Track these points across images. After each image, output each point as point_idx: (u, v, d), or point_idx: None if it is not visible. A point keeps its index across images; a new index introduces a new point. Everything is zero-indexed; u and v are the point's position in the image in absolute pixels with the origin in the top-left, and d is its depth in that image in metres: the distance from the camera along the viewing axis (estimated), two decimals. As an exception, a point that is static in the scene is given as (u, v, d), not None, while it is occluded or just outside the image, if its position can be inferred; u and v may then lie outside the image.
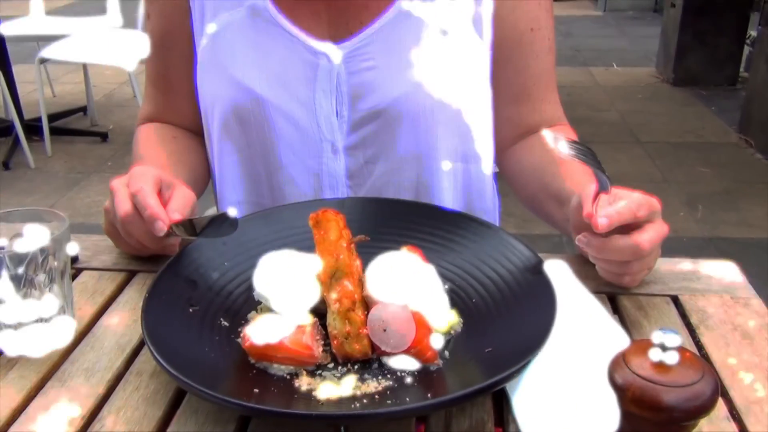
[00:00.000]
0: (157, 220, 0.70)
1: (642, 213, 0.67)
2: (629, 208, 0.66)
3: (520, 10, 0.90)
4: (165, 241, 0.74)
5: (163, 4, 0.92)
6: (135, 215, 0.71)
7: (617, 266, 0.70)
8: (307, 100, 0.86)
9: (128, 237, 0.74)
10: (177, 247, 0.77)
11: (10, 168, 3.50)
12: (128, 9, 4.38)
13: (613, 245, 0.67)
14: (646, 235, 0.67)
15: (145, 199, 0.70)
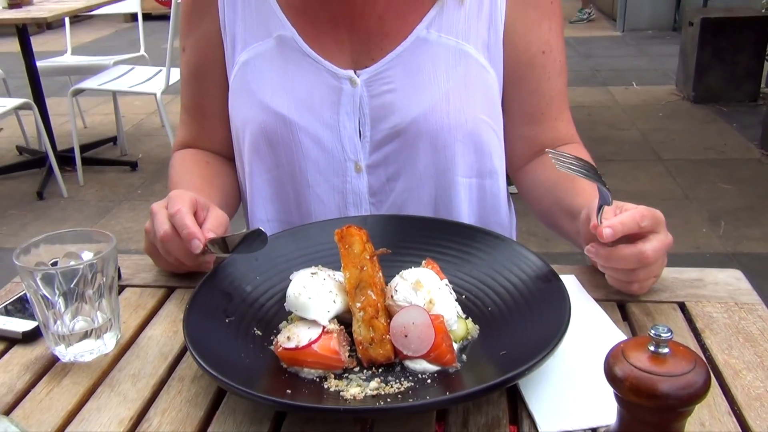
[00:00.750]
0: (194, 239, 0.75)
1: (646, 223, 0.71)
2: (632, 218, 0.71)
3: (532, 35, 0.95)
4: (201, 258, 0.80)
5: (198, 38, 1.00)
6: (173, 235, 0.77)
7: (624, 274, 0.74)
8: (332, 122, 0.92)
9: (167, 255, 0.80)
10: (211, 264, 0.82)
11: (44, 198, 3.61)
12: (152, 43, 4.54)
13: (619, 254, 0.71)
14: (650, 244, 0.71)
15: (182, 219, 0.76)
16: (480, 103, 0.94)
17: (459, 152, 0.93)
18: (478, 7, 0.92)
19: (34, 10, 3.52)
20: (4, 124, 4.49)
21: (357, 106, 0.92)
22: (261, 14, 0.94)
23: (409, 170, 0.94)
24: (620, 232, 0.70)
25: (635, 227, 0.71)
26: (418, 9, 0.92)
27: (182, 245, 0.77)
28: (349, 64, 0.93)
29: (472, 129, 0.93)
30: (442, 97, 0.91)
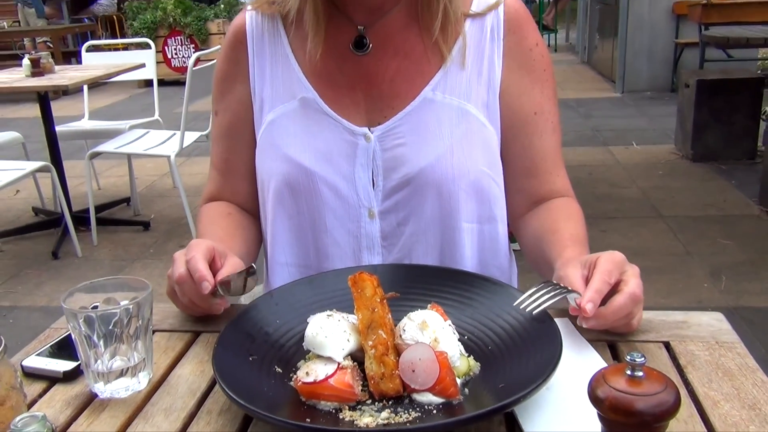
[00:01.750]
0: (204, 281, 0.85)
1: (614, 277, 0.80)
2: (603, 282, 0.79)
3: (525, 97, 1.05)
4: (212, 300, 0.88)
5: (229, 102, 1.11)
6: (188, 277, 0.86)
7: (624, 319, 0.82)
8: (348, 173, 1.02)
9: (182, 296, 0.89)
10: (222, 307, 0.91)
11: (59, 257, 3.70)
12: (165, 107, 4.71)
13: (615, 307, 0.79)
14: (632, 282, 0.79)
15: (196, 264, 0.86)
16: (481, 156, 1.03)
17: (462, 200, 1.02)
18: (478, 72, 1.03)
19: (55, 78, 3.69)
20: (21, 186, 4.61)
21: (371, 159, 1.02)
22: (286, 79, 1.05)
23: (417, 216, 1.02)
24: (599, 300, 0.78)
25: (608, 287, 0.79)
26: (424, 73, 1.03)
27: (195, 287, 0.86)
28: (363, 121, 1.03)
29: (474, 179, 1.02)
30: (447, 151, 1.00)
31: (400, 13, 1.03)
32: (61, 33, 10.40)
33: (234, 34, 1.10)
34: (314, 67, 1.04)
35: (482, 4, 1.04)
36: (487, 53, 1.03)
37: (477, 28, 1.03)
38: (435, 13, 1.00)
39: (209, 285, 0.85)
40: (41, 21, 11.06)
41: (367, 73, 1.03)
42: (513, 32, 1.04)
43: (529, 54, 1.05)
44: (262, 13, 1.08)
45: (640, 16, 7.01)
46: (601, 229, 3.69)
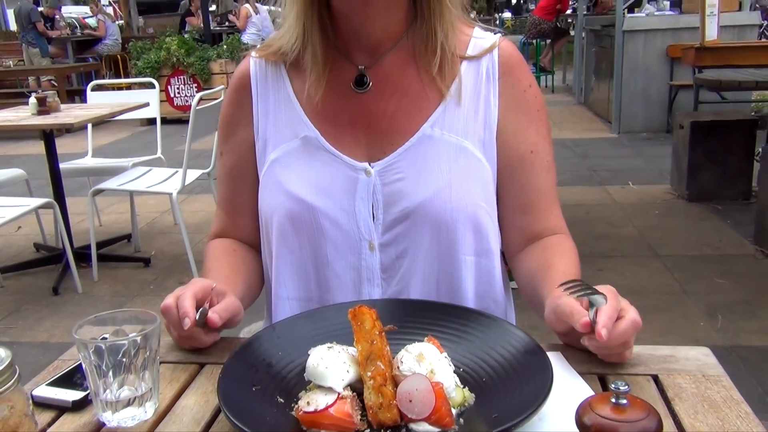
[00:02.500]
0: (185, 317, 0.90)
1: (619, 304, 0.83)
2: (614, 308, 0.83)
3: (521, 136, 1.10)
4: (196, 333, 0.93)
5: (234, 143, 1.16)
6: (172, 309, 0.91)
7: (621, 347, 0.85)
8: (349, 207, 1.06)
9: (168, 328, 0.94)
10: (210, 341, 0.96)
11: (59, 293, 3.72)
12: (167, 145, 4.77)
13: (620, 331, 0.82)
14: (631, 310, 0.84)
15: (183, 301, 0.91)
16: (478, 191, 1.07)
17: (460, 233, 1.06)
18: (474, 110, 1.08)
19: (61, 116, 3.76)
20: (23, 222, 4.65)
21: (371, 193, 1.06)
22: (289, 119, 1.10)
23: (416, 248, 1.06)
24: (611, 326, 0.81)
25: (617, 314, 0.83)
26: (423, 110, 1.08)
27: (178, 321, 0.91)
28: (364, 156, 1.07)
29: (471, 213, 1.06)
30: (445, 185, 1.05)
31: (398, 53, 1.08)
32: (66, 72, 10.56)
33: (239, 79, 1.15)
34: (316, 107, 1.09)
35: (477, 47, 1.10)
36: (483, 93, 1.08)
37: (473, 70, 1.09)
38: (432, 52, 1.05)
39: (189, 322, 0.90)
40: (46, 60, 11.25)
41: (368, 110, 1.08)
42: (507, 74, 1.09)
43: (524, 95, 1.10)
44: (266, 60, 1.13)
45: (635, 59, 7.15)
46: (598, 268, 3.73)
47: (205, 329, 0.94)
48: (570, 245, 1.10)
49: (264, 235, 1.15)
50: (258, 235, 1.17)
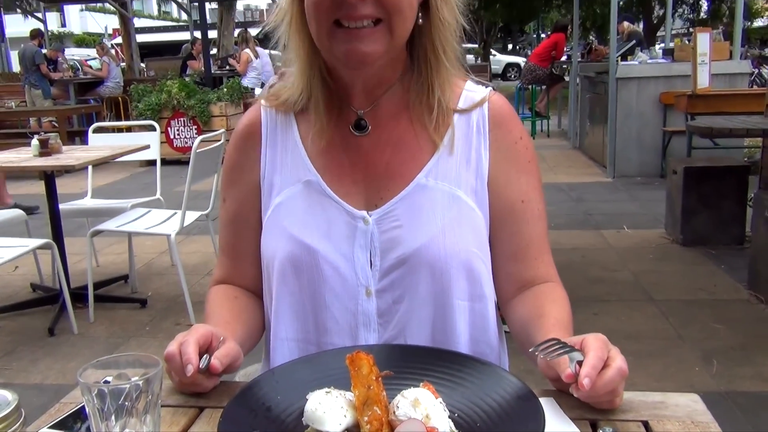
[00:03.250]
0: (188, 364, 0.92)
1: (605, 353, 0.86)
2: (598, 358, 0.85)
3: (512, 186, 1.14)
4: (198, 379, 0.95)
5: (238, 190, 1.19)
6: (175, 356, 0.93)
7: (610, 394, 0.87)
8: (348, 252, 1.09)
9: (168, 372, 0.96)
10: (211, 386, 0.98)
11: (54, 334, 3.72)
12: (165, 186, 4.81)
13: (606, 380, 0.84)
14: (619, 359, 0.86)
15: (186, 348, 0.93)
16: (471, 238, 1.10)
17: (454, 278, 1.09)
18: (466, 160, 1.12)
19: (62, 158, 3.80)
20: (20, 262, 4.66)
21: (369, 240, 1.09)
22: (294, 164, 1.14)
23: (412, 294, 1.09)
24: (595, 376, 0.84)
25: (602, 363, 0.85)
26: (417, 159, 1.12)
27: (181, 367, 0.93)
28: (362, 203, 1.11)
29: (465, 259, 1.09)
30: (439, 233, 1.08)
31: (391, 99, 1.13)
32: (67, 113, 10.68)
33: (247, 126, 1.19)
34: (318, 150, 1.13)
35: (469, 101, 1.14)
36: (474, 144, 1.12)
37: (464, 122, 1.13)
38: (428, 107, 1.10)
39: (192, 369, 0.92)
40: (48, 102, 11.38)
41: (366, 154, 1.13)
42: (498, 127, 1.13)
43: (514, 147, 1.14)
44: (276, 110, 1.18)
45: (628, 105, 7.27)
46: (593, 311, 3.74)
47: (206, 374, 0.96)
48: (562, 293, 1.13)
49: (265, 277, 1.18)
50: (260, 282, 1.19)
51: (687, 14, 20.22)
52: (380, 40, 1.00)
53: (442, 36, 1.07)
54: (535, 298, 1.11)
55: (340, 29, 0.99)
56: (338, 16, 0.99)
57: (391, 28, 1.00)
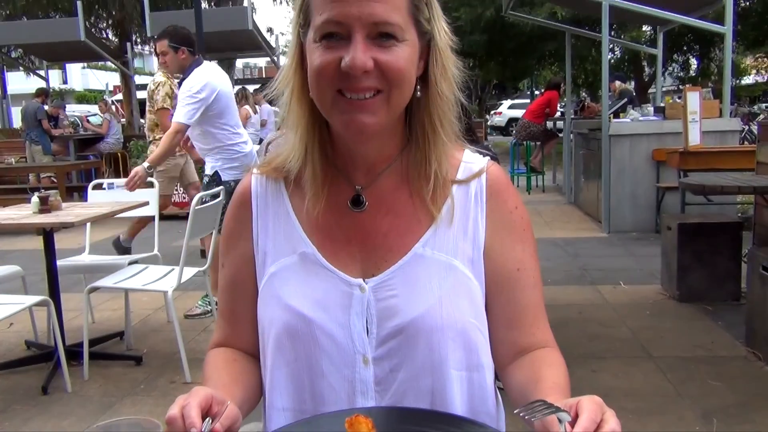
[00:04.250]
0: (192, 428, 0.90)
1: (599, 415, 0.86)
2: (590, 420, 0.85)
3: (507, 254, 1.16)
4: None
5: (234, 256, 1.21)
6: (178, 419, 0.92)
7: None
8: (344, 321, 1.10)
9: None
10: None
11: (48, 393, 3.67)
12: (163, 241, 4.83)
13: None
14: (612, 421, 0.86)
15: (189, 411, 0.92)
16: (467, 307, 1.12)
17: (451, 348, 1.10)
18: (463, 231, 1.14)
19: (62, 214, 3.83)
20: (15, 319, 4.64)
21: (365, 308, 1.10)
22: (287, 235, 1.16)
23: (409, 363, 1.09)
24: None
25: (594, 426, 0.85)
26: (415, 231, 1.13)
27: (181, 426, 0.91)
28: (359, 273, 1.12)
29: (461, 329, 1.10)
30: (436, 302, 1.09)
31: (391, 175, 1.15)
32: (67, 169, 10.76)
33: (240, 195, 1.22)
34: (314, 223, 1.14)
35: (467, 171, 1.17)
36: (472, 215, 1.15)
37: (462, 193, 1.15)
38: (425, 179, 1.12)
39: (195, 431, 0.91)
40: (47, 157, 11.49)
41: (363, 228, 1.14)
42: (495, 197, 1.16)
43: (510, 216, 1.17)
44: (267, 176, 1.20)
45: (621, 162, 7.37)
46: (592, 369, 3.72)
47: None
48: (558, 358, 1.14)
49: (261, 346, 1.18)
50: (258, 345, 1.20)
51: (677, 72, 20.66)
52: (379, 111, 1.03)
53: (440, 110, 1.09)
54: (531, 363, 1.12)
55: (342, 98, 1.02)
56: (341, 87, 1.01)
57: (389, 99, 1.03)
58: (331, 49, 1.00)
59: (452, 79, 1.10)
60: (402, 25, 1.01)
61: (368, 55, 0.99)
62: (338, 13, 0.98)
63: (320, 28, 1.01)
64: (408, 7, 1.02)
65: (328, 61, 1.00)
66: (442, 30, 1.08)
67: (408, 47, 1.03)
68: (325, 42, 1.01)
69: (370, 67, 0.99)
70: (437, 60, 1.08)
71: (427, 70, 1.08)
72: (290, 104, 1.11)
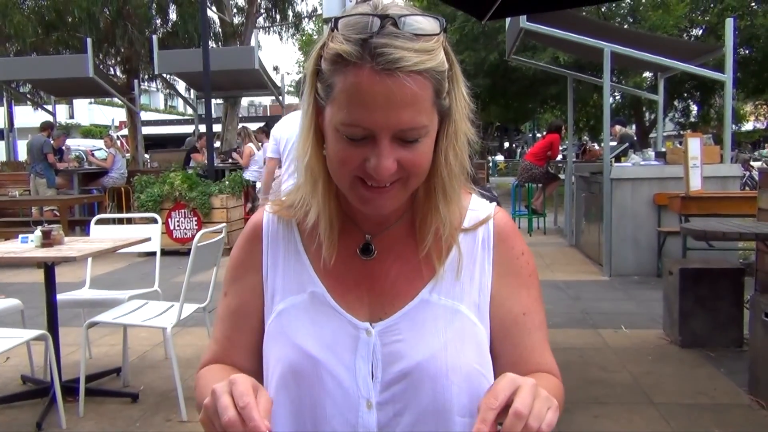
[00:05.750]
0: None
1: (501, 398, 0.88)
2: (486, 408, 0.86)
3: (513, 299, 1.16)
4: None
5: (241, 287, 1.20)
6: (238, 422, 0.88)
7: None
8: (350, 364, 1.09)
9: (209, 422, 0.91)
10: None
11: (42, 429, 3.63)
12: (163, 276, 4.82)
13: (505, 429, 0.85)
14: (517, 400, 0.87)
15: (251, 413, 0.88)
16: (473, 353, 1.11)
17: (455, 394, 1.09)
18: (470, 278, 1.14)
19: (64, 249, 3.83)
20: (12, 353, 4.60)
21: (371, 352, 1.10)
22: (297, 273, 1.16)
23: (413, 408, 1.09)
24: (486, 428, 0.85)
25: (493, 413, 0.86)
26: (422, 277, 1.14)
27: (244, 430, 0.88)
28: (366, 317, 1.12)
29: (466, 374, 1.10)
30: (442, 347, 1.09)
31: (402, 226, 1.16)
32: (70, 203, 10.80)
33: (252, 228, 1.23)
34: (324, 266, 1.15)
35: (473, 219, 1.17)
36: (479, 261, 1.15)
37: (470, 240, 1.16)
38: (427, 233, 1.12)
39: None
40: (51, 191, 11.55)
41: (371, 274, 1.15)
42: (502, 243, 1.17)
43: (516, 262, 1.17)
44: (278, 216, 1.21)
45: (623, 205, 7.40)
46: (593, 414, 3.68)
47: None
48: (554, 379, 1.14)
49: (264, 384, 1.17)
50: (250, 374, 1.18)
51: (677, 118, 20.85)
52: (397, 196, 1.04)
53: (445, 176, 1.09)
54: None
55: (362, 184, 1.03)
56: (363, 177, 1.02)
57: (407, 185, 1.04)
58: (354, 146, 1.00)
59: (462, 147, 1.09)
60: (427, 123, 1.01)
61: (392, 158, 0.99)
62: (365, 121, 0.97)
63: (345, 128, 0.99)
64: (432, 99, 1.00)
65: (352, 156, 1.00)
66: (461, 97, 1.07)
67: (429, 138, 1.03)
68: (349, 137, 1.00)
69: (395, 169, 1.00)
70: (448, 131, 1.07)
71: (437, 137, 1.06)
72: (307, 160, 1.10)
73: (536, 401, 0.89)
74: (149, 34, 16.67)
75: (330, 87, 1.01)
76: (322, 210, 1.12)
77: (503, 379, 0.91)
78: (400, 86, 0.95)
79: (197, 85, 12.90)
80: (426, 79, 0.98)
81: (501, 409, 0.88)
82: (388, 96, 0.95)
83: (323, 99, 1.03)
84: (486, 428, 0.86)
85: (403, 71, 0.95)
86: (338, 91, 0.99)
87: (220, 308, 1.24)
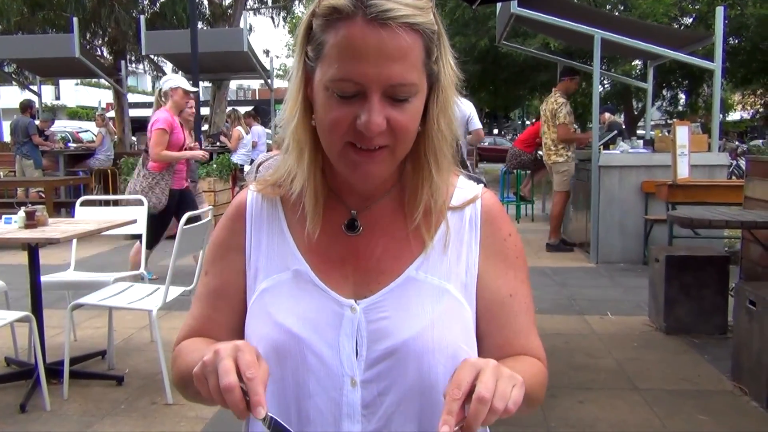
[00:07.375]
0: (259, 407, 0.87)
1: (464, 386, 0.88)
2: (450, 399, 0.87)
3: (500, 280, 1.15)
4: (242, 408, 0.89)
5: (222, 267, 1.19)
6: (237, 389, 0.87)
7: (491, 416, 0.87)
8: (333, 341, 1.08)
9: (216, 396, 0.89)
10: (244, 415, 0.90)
11: (26, 411, 3.61)
12: (151, 260, 4.79)
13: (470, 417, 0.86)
14: (480, 385, 0.87)
15: (257, 387, 0.88)
16: (459, 332, 1.11)
17: (441, 373, 1.08)
18: (457, 256, 1.13)
19: (48, 230, 3.79)
20: (-4, 335, 4.58)
21: (355, 329, 1.09)
22: (281, 252, 1.14)
23: (398, 387, 1.08)
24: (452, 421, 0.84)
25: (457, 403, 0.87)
26: (408, 254, 1.13)
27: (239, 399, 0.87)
28: (351, 293, 1.11)
29: (452, 353, 1.09)
30: (428, 325, 1.08)
31: (388, 201, 1.15)
32: (56, 185, 10.70)
33: (236, 208, 1.21)
34: (308, 243, 1.14)
35: (461, 198, 1.17)
36: (466, 240, 1.14)
37: (457, 219, 1.15)
38: (420, 207, 1.11)
39: (263, 412, 0.87)
40: (37, 172, 11.43)
41: (357, 250, 1.13)
42: (488, 224, 1.16)
43: (504, 243, 1.16)
44: (263, 194, 1.20)
45: (611, 193, 7.42)
46: (578, 399, 3.70)
47: None
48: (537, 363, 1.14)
49: None
50: None
51: (666, 107, 20.92)
52: (384, 161, 1.03)
53: (436, 145, 1.09)
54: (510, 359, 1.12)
55: (351, 149, 1.02)
56: (353, 140, 1.01)
57: (394, 153, 1.03)
58: (345, 104, 0.99)
59: (451, 116, 1.09)
60: (417, 82, 1.01)
61: (383, 115, 0.99)
62: (356, 74, 0.97)
63: (335, 84, 0.99)
64: (422, 58, 1.01)
65: (343, 116, 1.00)
66: (449, 66, 1.07)
67: (418, 99, 1.03)
68: (339, 95, 0.99)
69: (385, 126, 0.99)
70: (438, 98, 1.07)
71: (427, 105, 1.07)
72: (293, 129, 1.10)
73: (499, 381, 0.89)
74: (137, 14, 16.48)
75: (321, 45, 1.00)
76: (308, 180, 1.11)
77: (464, 367, 0.91)
78: (392, 37, 0.95)
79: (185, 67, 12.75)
80: (417, 35, 0.98)
81: (465, 397, 0.87)
82: (380, 48, 0.95)
83: (313, 60, 1.03)
84: (453, 419, 0.85)
85: (395, 22, 0.95)
86: (330, 47, 0.99)
87: (200, 287, 1.22)
